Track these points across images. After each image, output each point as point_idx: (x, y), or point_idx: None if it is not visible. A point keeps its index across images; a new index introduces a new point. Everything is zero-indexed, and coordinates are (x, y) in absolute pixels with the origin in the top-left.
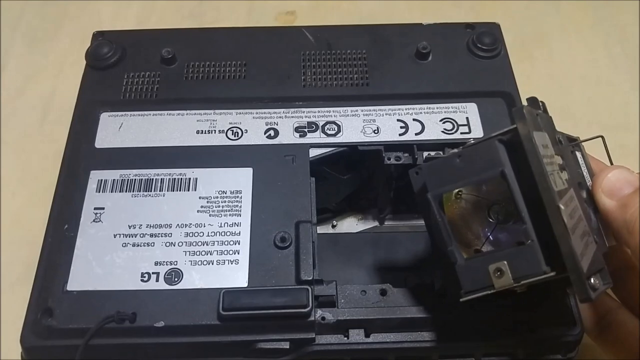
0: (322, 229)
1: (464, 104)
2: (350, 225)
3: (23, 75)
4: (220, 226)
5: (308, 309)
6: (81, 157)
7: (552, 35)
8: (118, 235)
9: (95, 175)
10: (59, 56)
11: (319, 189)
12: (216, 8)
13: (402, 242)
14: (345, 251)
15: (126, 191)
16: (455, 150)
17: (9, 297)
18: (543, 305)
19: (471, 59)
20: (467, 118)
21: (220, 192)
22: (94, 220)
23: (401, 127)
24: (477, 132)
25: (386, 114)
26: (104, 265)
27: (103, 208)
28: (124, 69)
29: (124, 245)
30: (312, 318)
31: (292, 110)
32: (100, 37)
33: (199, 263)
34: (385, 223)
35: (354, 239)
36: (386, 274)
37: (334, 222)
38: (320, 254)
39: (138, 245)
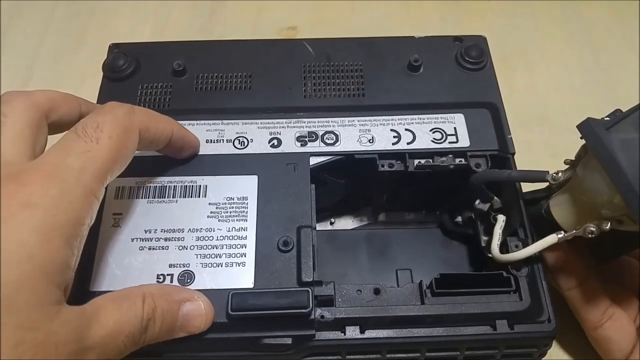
0: (321, 226)
1: (452, 115)
2: (347, 222)
3: (48, 86)
4: (229, 231)
5: (309, 309)
6: None
7: (531, 49)
8: (135, 239)
9: (114, 183)
10: (81, 68)
11: (319, 192)
12: (224, 23)
13: (393, 237)
14: (342, 246)
15: (142, 197)
16: None
17: None
18: (521, 304)
19: (459, 71)
20: (454, 128)
21: (228, 199)
22: (113, 225)
23: (394, 137)
24: (464, 141)
25: (380, 124)
26: (122, 267)
27: (121, 213)
28: (138, 80)
29: (140, 248)
30: (312, 317)
31: (294, 120)
32: (115, 49)
33: (210, 265)
34: (379, 220)
35: (350, 235)
36: (379, 265)
37: (332, 220)
38: (320, 249)
39: (153, 248)
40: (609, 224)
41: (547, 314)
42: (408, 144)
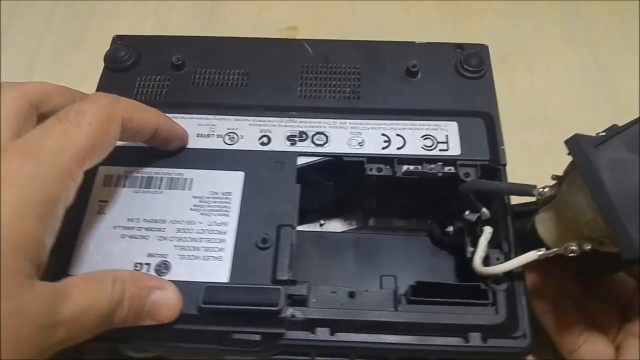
0: (310, 227)
1: (445, 122)
2: (336, 225)
3: None
4: (209, 224)
5: (279, 307)
6: None
7: (531, 49)
8: (118, 227)
9: (103, 171)
10: (81, 68)
11: (308, 192)
12: (224, 23)
13: (381, 242)
14: (329, 248)
15: (129, 187)
16: None
17: None
18: (496, 317)
19: (457, 79)
20: (446, 136)
21: (212, 193)
22: (97, 212)
23: (384, 141)
24: (455, 150)
25: (372, 128)
26: (102, 253)
27: (107, 201)
28: (137, 72)
29: (122, 236)
30: (282, 315)
31: (286, 119)
32: (119, 41)
33: (187, 257)
34: (369, 225)
35: (338, 238)
36: (364, 270)
37: (322, 222)
38: (306, 249)
39: (134, 237)
40: (590, 245)
41: (523, 329)
42: (398, 149)
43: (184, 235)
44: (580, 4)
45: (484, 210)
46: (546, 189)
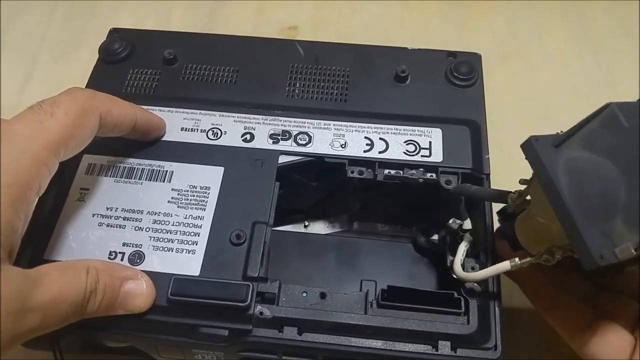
0: (294, 228)
1: (429, 129)
2: (321, 227)
3: (49, 84)
4: (185, 218)
5: (246, 303)
6: None
7: (531, 49)
8: (96, 215)
9: (87, 159)
10: (81, 68)
11: (291, 192)
12: (224, 23)
13: (364, 246)
14: (311, 250)
15: (110, 176)
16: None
17: None
18: (467, 327)
19: (447, 86)
20: (430, 142)
21: (191, 187)
22: (78, 199)
23: (367, 145)
24: (437, 156)
25: (355, 131)
26: (79, 240)
27: (88, 189)
28: (130, 64)
29: (99, 224)
30: (250, 312)
31: (271, 118)
32: (115, 34)
33: (160, 249)
34: (353, 228)
35: (322, 240)
36: (345, 273)
37: (307, 223)
38: (288, 250)
39: (111, 226)
40: (561, 253)
41: (494, 341)
42: (380, 152)
43: (159, 227)
44: (581, 4)
45: (468, 220)
46: (515, 194)
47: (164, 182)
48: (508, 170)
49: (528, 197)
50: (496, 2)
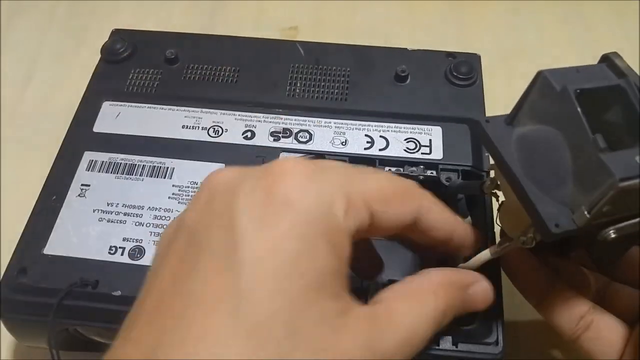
0: None
1: (429, 127)
2: None
3: (49, 84)
4: None
5: None
6: (79, 138)
7: (531, 49)
8: (97, 211)
9: (88, 156)
10: (81, 68)
11: None
12: (225, 23)
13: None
14: None
15: (111, 172)
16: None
17: None
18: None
19: (446, 86)
20: (430, 140)
21: (191, 183)
22: (79, 195)
23: (367, 142)
24: (437, 154)
25: (356, 129)
26: (79, 235)
27: (89, 185)
28: (132, 64)
29: (100, 220)
30: None
31: (272, 116)
32: (117, 34)
33: None
34: None
35: None
36: None
37: None
38: None
39: (112, 221)
40: (532, 231)
41: (496, 335)
42: (380, 150)
43: (160, 222)
44: (581, 3)
45: (468, 218)
46: (488, 182)
47: (164, 178)
48: None
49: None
50: (496, 2)
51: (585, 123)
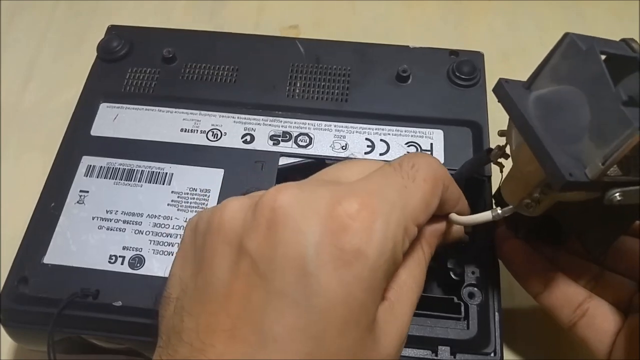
0: None
1: (430, 130)
2: None
3: (49, 84)
4: (185, 221)
5: None
6: (77, 142)
7: (531, 49)
8: (96, 218)
9: (86, 161)
10: (81, 68)
11: None
12: (225, 23)
13: None
14: None
15: (110, 178)
16: None
17: None
18: (467, 332)
19: (448, 86)
20: (431, 144)
21: (191, 189)
22: (77, 202)
23: (368, 146)
24: (439, 158)
25: (356, 132)
26: (79, 243)
27: (87, 191)
28: (129, 63)
29: (99, 227)
30: None
31: (271, 119)
32: (113, 31)
33: (161, 253)
34: None
35: None
36: None
37: None
38: None
39: (111, 229)
40: (539, 190)
41: (494, 346)
42: (381, 154)
43: (159, 230)
44: (581, 4)
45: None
46: (496, 149)
47: (163, 184)
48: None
49: (508, 151)
50: (496, 1)
51: (608, 77)
